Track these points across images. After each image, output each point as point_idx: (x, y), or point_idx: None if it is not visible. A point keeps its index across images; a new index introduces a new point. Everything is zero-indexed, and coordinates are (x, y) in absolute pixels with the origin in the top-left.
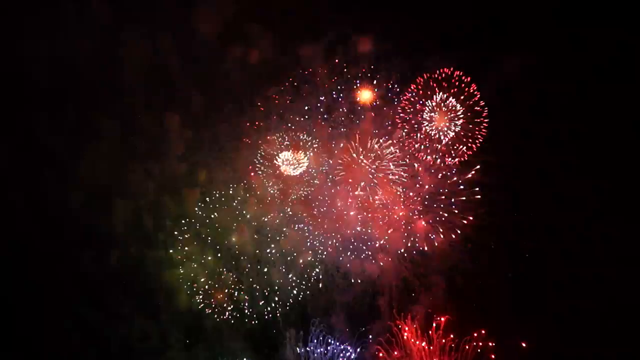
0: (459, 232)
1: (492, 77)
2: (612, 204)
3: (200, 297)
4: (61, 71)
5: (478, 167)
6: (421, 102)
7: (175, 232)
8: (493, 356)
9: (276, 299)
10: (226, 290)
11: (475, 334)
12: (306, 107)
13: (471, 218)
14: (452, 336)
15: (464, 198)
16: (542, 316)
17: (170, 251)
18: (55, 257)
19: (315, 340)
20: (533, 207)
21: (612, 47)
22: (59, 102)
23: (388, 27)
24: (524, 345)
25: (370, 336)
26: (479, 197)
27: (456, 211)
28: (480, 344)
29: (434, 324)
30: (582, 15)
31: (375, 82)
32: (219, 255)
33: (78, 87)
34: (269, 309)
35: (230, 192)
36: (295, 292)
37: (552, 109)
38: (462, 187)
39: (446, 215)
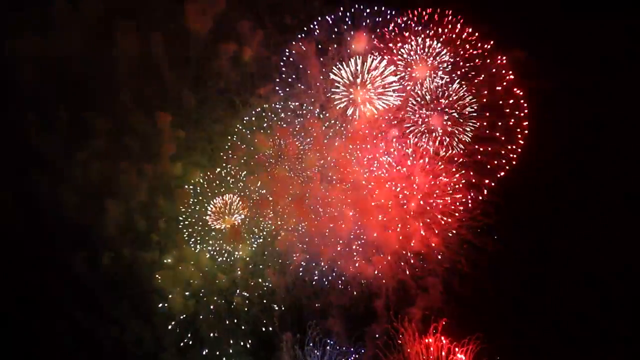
0: (454, 232)
1: None
2: (613, 206)
3: (195, 299)
4: (51, 70)
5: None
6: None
7: (169, 234)
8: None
9: (272, 301)
10: (221, 293)
11: (474, 337)
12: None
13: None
14: (450, 339)
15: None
16: (540, 318)
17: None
18: (47, 259)
19: (312, 344)
20: (529, 207)
21: None
22: (49, 101)
23: None
24: None
25: (368, 339)
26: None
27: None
28: (479, 347)
29: (433, 326)
30: None
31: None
32: (214, 256)
33: (69, 86)
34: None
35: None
36: (291, 294)
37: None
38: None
39: (441, 216)
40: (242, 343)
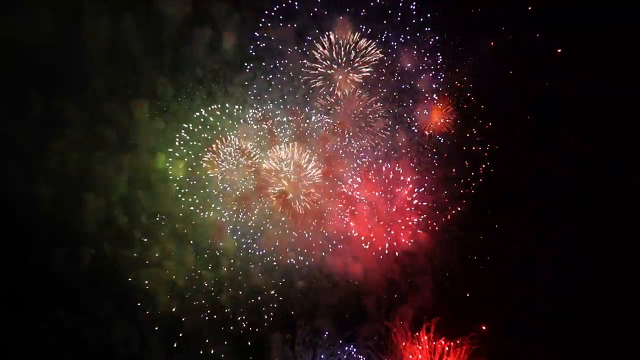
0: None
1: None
2: (608, 205)
3: (179, 299)
4: (20, 55)
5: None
6: None
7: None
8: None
9: (259, 299)
10: (206, 292)
11: (468, 335)
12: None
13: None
14: (442, 338)
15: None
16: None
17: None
18: (24, 257)
19: (302, 344)
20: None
21: None
22: (21, 89)
23: None
24: None
25: (359, 339)
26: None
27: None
28: (473, 346)
29: (425, 325)
30: None
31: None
32: (197, 254)
33: (40, 73)
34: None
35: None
36: (278, 293)
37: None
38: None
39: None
40: (230, 343)
